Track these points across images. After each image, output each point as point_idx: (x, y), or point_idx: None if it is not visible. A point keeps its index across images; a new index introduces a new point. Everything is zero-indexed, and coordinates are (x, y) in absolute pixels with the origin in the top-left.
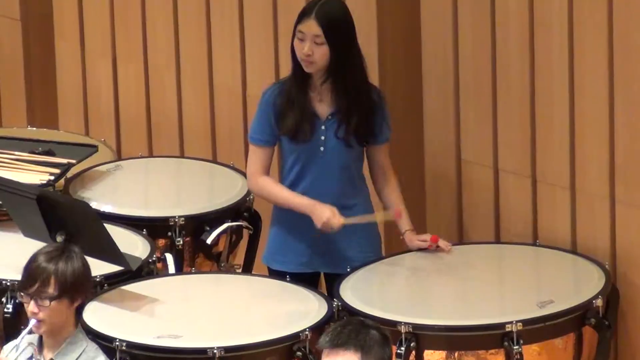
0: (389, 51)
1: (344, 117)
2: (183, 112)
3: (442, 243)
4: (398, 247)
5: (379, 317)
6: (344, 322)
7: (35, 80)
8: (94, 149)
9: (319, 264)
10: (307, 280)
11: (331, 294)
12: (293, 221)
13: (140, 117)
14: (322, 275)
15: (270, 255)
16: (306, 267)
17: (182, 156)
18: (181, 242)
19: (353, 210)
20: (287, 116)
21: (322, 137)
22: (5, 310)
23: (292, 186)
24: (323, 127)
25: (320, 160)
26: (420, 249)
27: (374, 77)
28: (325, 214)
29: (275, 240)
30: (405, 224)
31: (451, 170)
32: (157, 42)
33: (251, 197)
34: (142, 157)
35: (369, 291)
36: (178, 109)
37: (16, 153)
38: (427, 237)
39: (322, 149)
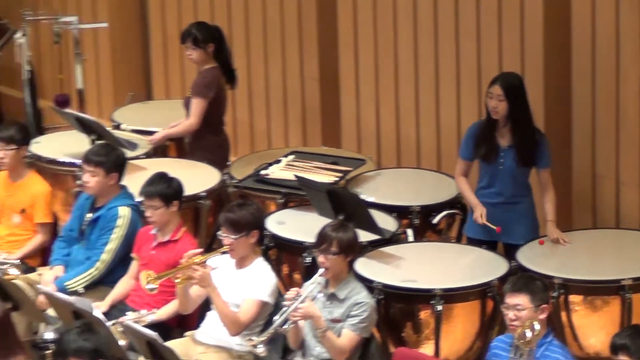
0: (551, 103)
1: (516, 148)
2: (420, 139)
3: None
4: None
5: (541, 273)
6: (519, 275)
7: (326, 118)
8: (363, 161)
9: (497, 237)
10: (490, 246)
11: (509, 257)
12: (488, 214)
13: (392, 142)
14: (499, 244)
15: (469, 229)
16: (489, 238)
17: (418, 167)
18: (417, 222)
19: (520, 205)
20: (481, 146)
21: (502, 160)
22: (306, 261)
23: (483, 188)
24: (502, 154)
25: (500, 174)
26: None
27: (540, 122)
28: (476, 213)
29: (471, 220)
30: (550, 214)
31: (588, 184)
32: (404, 92)
33: None
34: (392, 168)
35: (535, 256)
36: (416, 137)
37: (315, 163)
38: (550, 235)
39: (501, 167)
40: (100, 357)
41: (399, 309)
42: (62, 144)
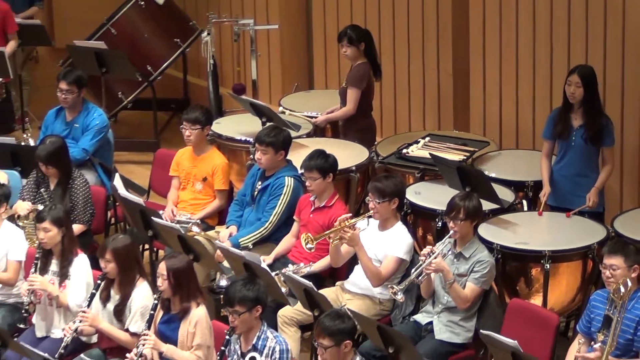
0: (629, 91)
1: (586, 128)
2: (536, 125)
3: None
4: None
5: (634, 239)
6: (615, 240)
7: (458, 106)
8: (487, 143)
9: (569, 205)
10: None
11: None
12: (562, 184)
13: (512, 127)
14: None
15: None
16: (563, 205)
17: (533, 149)
18: (531, 195)
19: (588, 179)
20: (557, 125)
21: (574, 138)
22: (438, 225)
23: (558, 162)
24: (574, 132)
25: (571, 150)
26: None
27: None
28: (542, 192)
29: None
30: (598, 182)
31: None
32: (523, 85)
33: None
34: (511, 149)
35: (628, 225)
36: (532, 123)
37: (447, 143)
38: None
39: (573, 144)
40: (259, 304)
41: (514, 267)
42: (239, 125)
